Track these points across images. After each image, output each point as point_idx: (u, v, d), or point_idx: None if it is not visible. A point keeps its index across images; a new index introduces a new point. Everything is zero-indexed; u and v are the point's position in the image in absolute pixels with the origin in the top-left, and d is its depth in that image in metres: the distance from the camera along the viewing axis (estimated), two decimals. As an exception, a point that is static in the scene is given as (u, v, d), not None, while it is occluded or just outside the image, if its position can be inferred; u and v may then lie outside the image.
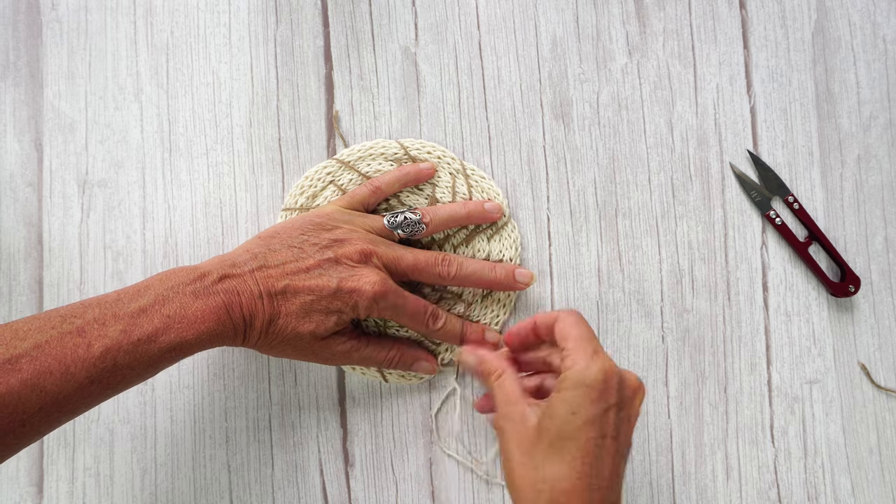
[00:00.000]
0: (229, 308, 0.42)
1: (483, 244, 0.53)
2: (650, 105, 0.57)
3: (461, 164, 0.54)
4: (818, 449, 0.56)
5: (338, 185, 0.53)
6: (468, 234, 0.54)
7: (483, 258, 0.53)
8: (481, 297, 0.54)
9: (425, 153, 0.54)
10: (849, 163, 0.58)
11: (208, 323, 0.42)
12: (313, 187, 0.53)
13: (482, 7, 0.57)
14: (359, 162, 0.54)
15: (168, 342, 0.41)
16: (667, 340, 0.56)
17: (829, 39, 0.58)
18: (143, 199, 0.55)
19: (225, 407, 0.54)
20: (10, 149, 0.55)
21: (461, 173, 0.54)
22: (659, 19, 0.58)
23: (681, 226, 0.57)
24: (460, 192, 0.54)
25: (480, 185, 0.54)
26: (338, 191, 0.53)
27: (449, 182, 0.54)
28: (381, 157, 0.54)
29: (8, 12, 0.56)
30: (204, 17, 0.57)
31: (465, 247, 0.53)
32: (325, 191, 0.53)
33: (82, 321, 0.39)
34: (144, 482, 0.54)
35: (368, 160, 0.54)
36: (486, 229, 0.54)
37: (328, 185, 0.53)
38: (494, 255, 0.53)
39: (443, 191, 0.54)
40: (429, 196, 0.54)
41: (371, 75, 0.57)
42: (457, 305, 0.53)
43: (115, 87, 0.56)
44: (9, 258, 0.55)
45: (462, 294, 0.54)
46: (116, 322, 0.40)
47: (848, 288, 0.56)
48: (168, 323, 0.41)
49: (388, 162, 0.54)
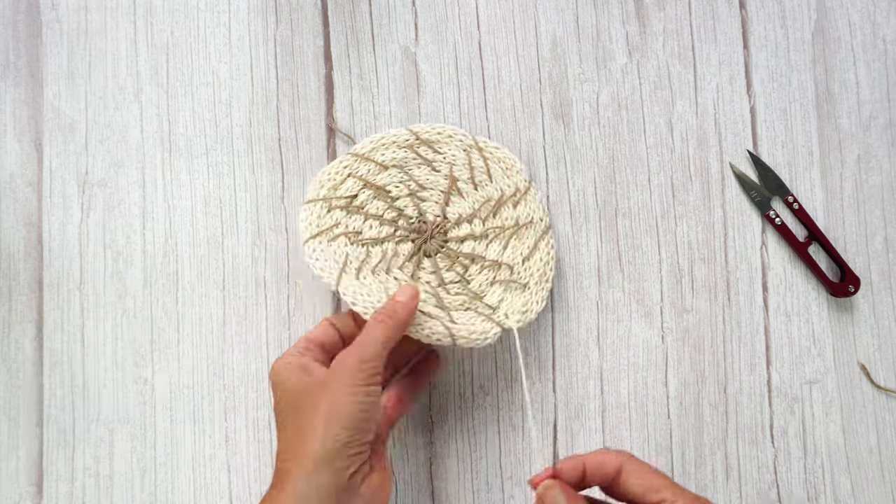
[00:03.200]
0: None
1: (510, 211, 0.54)
2: (650, 105, 0.57)
3: (473, 140, 0.54)
4: (818, 449, 0.56)
5: (357, 176, 0.53)
6: (494, 205, 0.54)
7: (512, 224, 0.53)
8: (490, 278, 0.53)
9: (435, 134, 0.54)
10: (849, 163, 0.58)
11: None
12: (332, 181, 0.53)
13: (482, 7, 0.57)
14: (372, 153, 0.54)
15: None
16: (667, 340, 0.56)
17: (829, 39, 0.58)
18: (143, 199, 0.55)
19: (225, 407, 0.54)
20: (10, 149, 0.55)
21: (474, 147, 0.54)
22: (659, 19, 0.58)
23: (681, 226, 0.57)
24: (477, 167, 0.54)
25: (496, 156, 0.54)
26: (358, 182, 0.53)
27: (465, 158, 0.54)
28: (393, 146, 0.54)
29: (8, 12, 0.56)
30: (204, 17, 0.57)
31: (493, 217, 0.54)
32: (344, 183, 0.53)
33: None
34: (144, 482, 0.54)
35: (382, 150, 0.54)
36: (511, 196, 0.54)
37: (346, 178, 0.53)
38: (523, 219, 0.53)
39: (460, 169, 0.54)
40: (447, 175, 0.54)
41: (371, 75, 0.57)
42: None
43: (115, 87, 0.56)
44: (9, 258, 0.55)
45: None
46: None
47: (848, 288, 0.56)
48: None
49: (401, 149, 0.54)
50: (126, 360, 0.54)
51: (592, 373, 0.55)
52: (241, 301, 0.55)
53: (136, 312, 0.54)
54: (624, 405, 0.55)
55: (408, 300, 0.47)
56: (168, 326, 0.54)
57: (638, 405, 0.55)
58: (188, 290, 0.55)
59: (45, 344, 0.54)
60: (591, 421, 0.55)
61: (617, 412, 0.55)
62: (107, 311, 0.54)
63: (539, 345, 0.55)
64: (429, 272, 0.53)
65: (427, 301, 0.51)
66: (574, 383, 0.55)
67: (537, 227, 0.53)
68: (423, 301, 0.50)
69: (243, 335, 0.55)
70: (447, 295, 0.52)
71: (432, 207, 0.54)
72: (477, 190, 0.54)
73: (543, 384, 0.55)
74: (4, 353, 0.54)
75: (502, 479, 0.54)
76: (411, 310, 0.47)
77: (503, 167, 0.54)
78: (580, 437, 0.55)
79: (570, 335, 0.56)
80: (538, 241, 0.53)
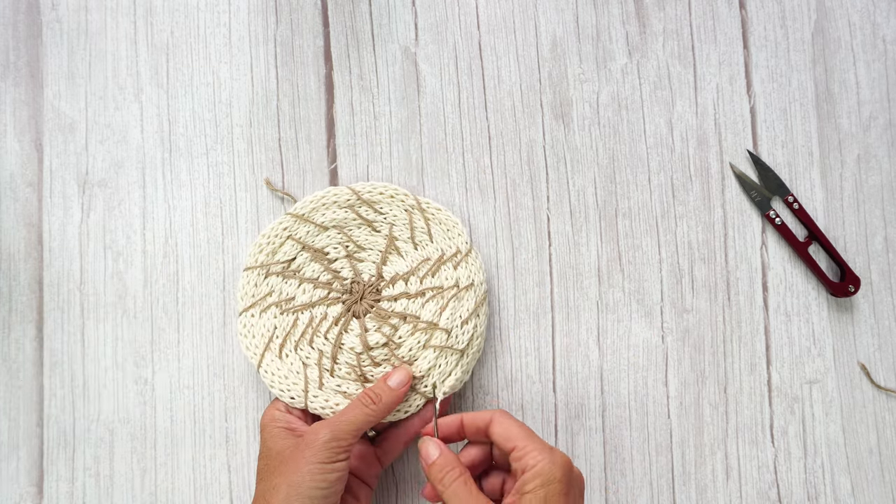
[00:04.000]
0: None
1: (450, 272, 0.53)
2: (650, 105, 0.57)
3: (416, 200, 0.53)
4: (818, 449, 0.56)
5: (295, 239, 0.53)
6: (433, 264, 0.53)
7: (452, 285, 0.52)
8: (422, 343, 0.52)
9: (377, 194, 0.53)
10: (849, 163, 0.58)
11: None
12: (272, 244, 0.53)
13: (482, 7, 0.57)
14: (313, 213, 0.53)
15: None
16: (667, 340, 0.56)
17: (829, 39, 0.58)
18: (143, 199, 0.55)
19: (225, 407, 0.54)
20: (10, 149, 0.55)
21: (416, 208, 0.53)
22: (659, 19, 0.58)
23: (681, 226, 0.57)
24: (418, 227, 0.53)
25: (437, 217, 0.53)
26: (296, 244, 0.53)
27: (405, 219, 0.53)
28: (334, 206, 0.53)
29: (8, 12, 0.56)
30: (204, 17, 0.57)
31: (432, 277, 0.53)
32: (283, 246, 0.53)
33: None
34: (144, 482, 0.54)
35: (322, 210, 0.53)
36: (451, 257, 0.53)
37: (286, 241, 0.53)
38: (464, 281, 0.52)
39: (400, 228, 0.53)
40: (387, 236, 0.53)
41: (371, 75, 0.57)
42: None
43: (115, 87, 0.56)
44: (9, 258, 0.55)
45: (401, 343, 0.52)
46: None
47: (848, 288, 0.56)
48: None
49: (341, 209, 0.53)
50: (126, 360, 0.54)
51: (592, 373, 0.55)
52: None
53: (136, 312, 0.55)
54: (624, 405, 0.55)
55: (397, 387, 0.49)
56: (168, 326, 0.55)
57: (638, 405, 0.55)
58: (188, 290, 0.55)
59: (45, 344, 0.54)
60: (591, 421, 0.55)
61: (617, 412, 0.55)
62: (107, 311, 0.54)
63: (539, 345, 0.55)
64: (354, 335, 0.52)
65: (347, 377, 0.51)
66: (574, 383, 0.55)
67: (478, 291, 0.52)
68: (344, 378, 0.51)
69: (243, 335, 0.55)
70: (373, 368, 0.51)
71: (369, 268, 0.53)
72: (417, 250, 0.53)
73: (543, 384, 0.55)
74: (4, 353, 0.54)
75: (502, 479, 0.54)
76: (399, 397, 0.49)
77: (444, 228, 0.53)
78: (580, 436, 0.55)
79: (570, 335, 0.56)
80: (478, 307, 0.52)
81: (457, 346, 0.51)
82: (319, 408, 0.50)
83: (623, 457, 0.55)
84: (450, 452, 0.45)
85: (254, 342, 0.52)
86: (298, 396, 0.50)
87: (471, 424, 0.47)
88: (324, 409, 0.50)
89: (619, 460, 0.55)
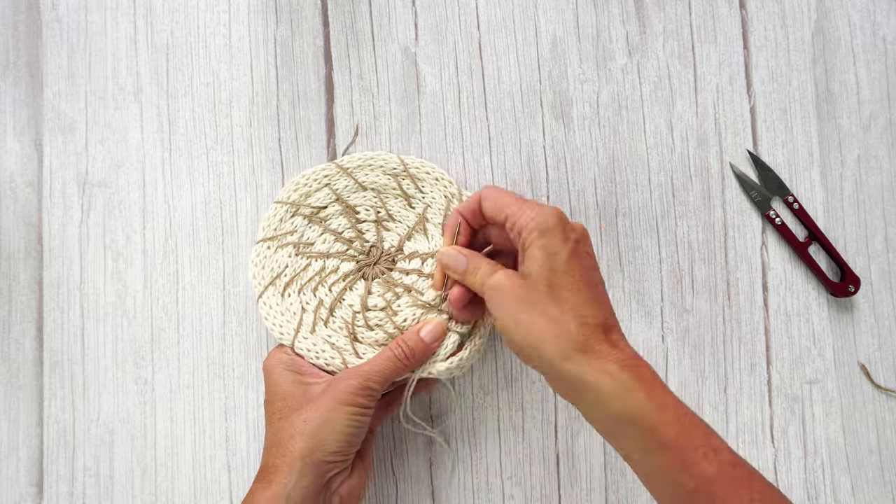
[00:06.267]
0: None
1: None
2: (650, 105, 0.57)
3: (458, 190, 0.53)
4: (818, 449, 0.56)
5: (332, 189, 0.53)
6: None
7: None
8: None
9: (424, 172, 0.53)
10: (849, 163, 0.58)
11: None
12: (308, 186, 0.53)
13: (482, 7, 0.57)
14: (357, 170, 0.53)
15: None
16: (667, 340, 0.56)
17: (829, 39, 0.58)
18: (143, 199, 0.55)
19: (225, 407, 0.54)
20: (10, 149, 0.55)
21: (457, 198, 0.53)
22: (659, 19, 0.58)
23: (681, 226, 0.57)
24: None
25: None
26: (331, 194, 0.53)
27: (442, 204, 0.53)
28: (379, 169, 0.53)
29: (8, 12, 0.56)
30: (204, 17, 0.57)
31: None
32: (319, 192, 0.53)
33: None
34: (144, 482, 0.54)
35: (367, 170, 0.53)
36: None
37: (323, 188, 0.53)
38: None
39: (434, 212, 0.53)
40: (419, 214, 0.53)
41: (371, 75, 0.57)
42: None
43: (115, 87, 0.56)
44: (9, 258, 0.55)
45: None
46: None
47: (848, 288, 0.56)
48: None
49: (385, 175, 0.53)
50: (126, 360, 0.54)
51: (592, 373, 0.55)
52: (241, 301, 0.55)
53: (136, 312, 0.55)
54: (624, 405, 0.55)
55: (430, 342, 0.49)
56: (168, 326, 0.55)
57: (638, 405, 0.55)
58: (188, 290, 0.55)
59: (45, 344, 0.54)
60: (591, 421, 0.55)
61: (617, 412, 0.55)
62: (107, 311, 0.54)
63: (539, 345, 0.55)
64: (357, 294, 0.52)
65: (339, 332, 0.51)
66: (574, 383, 0.55)
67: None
68: (335, 331, 0.51)
69: (243, 335, 0.55)
70: (366, 330, 0.51)
71: (393, 238, 0.53)
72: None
73: (544, 384, 0.55)
74: (4, 353, 0.54)
75: (502, 479, 0.54)
76: (430, 351, 0.49)
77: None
78: (580, 437, 0.55)
79: (570, 335, 0.55)
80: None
81: (458, 330, 0.50)
82: (305, 350, 0.50)
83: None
84: (474, 252, 0.47)
85: (262, 273, 0.52)
86: (288, 335, 0.50)
87: (467, 211, 0.47)
88: (308, 352, 0.50)
89: (619, 460, 0.55)
